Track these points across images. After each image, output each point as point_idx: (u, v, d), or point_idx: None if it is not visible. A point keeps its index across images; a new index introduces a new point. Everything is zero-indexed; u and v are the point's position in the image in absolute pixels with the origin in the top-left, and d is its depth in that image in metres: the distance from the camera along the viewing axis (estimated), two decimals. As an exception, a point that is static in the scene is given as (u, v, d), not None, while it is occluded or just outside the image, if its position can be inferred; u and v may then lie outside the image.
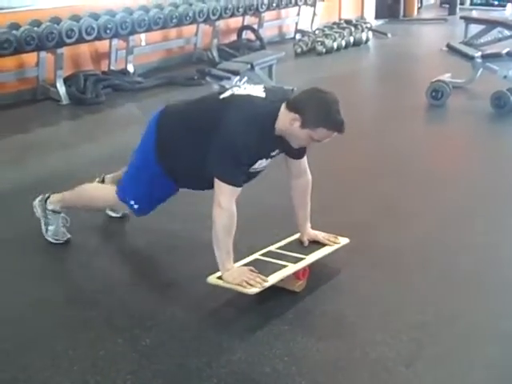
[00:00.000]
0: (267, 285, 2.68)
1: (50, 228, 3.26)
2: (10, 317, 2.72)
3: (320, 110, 2.61)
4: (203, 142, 2.71)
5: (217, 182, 2.67)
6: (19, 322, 2.67)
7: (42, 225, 3.28)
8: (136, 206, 3.06)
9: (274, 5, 8.66)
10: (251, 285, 2.64)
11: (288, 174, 2.99)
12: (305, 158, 2.98)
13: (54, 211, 3.25)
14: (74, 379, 2.32)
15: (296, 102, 2.67)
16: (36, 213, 3.30)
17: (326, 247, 3.02)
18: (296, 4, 9.24)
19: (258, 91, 2.81)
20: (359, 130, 5.12)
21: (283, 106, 2.68)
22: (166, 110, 3.01)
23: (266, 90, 2.84)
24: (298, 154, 2.93)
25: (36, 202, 3.30)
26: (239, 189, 2.69)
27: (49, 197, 3.28)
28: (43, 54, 6.03)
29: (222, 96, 2.83)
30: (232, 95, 2.81)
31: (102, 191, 3.31)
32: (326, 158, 4.25)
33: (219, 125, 2.67)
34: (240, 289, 2.65)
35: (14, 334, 2.60)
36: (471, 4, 13.27)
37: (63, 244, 3.27)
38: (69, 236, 3.28)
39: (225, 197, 2.65)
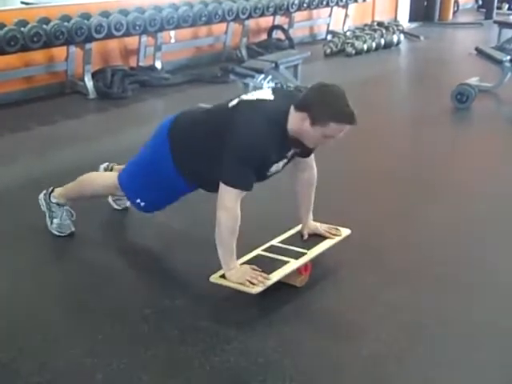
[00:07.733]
0: (270, 283, 2.70)
1: (55, 221, 3.30)
2: (12, 304, 2.79)
3: (327, 104, 2.57)
4: (214, 153, 2.70)
5: (223, 184, 2.66)
6: (21, 310, 2.75)
7: (47, 218, 3.32)
8: (143, 204, 3.08)
9: (305, 5, 8.67)
10: (254, 284, 2.66)
11: (293, 167, 2.98)
12: (312, 154, 3.00)
13: (58, 204, 3.30)
14: (69, 360, 2.39)
15: (303, 101, 2.65)
16: (42, 206, 3.35)
17: (328, 240, 3.03)
18: (328, 5, 9.24)
19: (265, 94, 2.81)
20: (381, 133, 5.10)
21: (292, 108, 2.65)
22: (179, 118, 2.99)
23: (274, 91, 2.84)
24: (308, 153, 2.95)
25: (41, 196, 3.35)
26: (245, 192, 2.67)
27: (53, 190, 3.33)
28: (72, 48, 6.15)
29: (230, 104, 2.80)
30: (240, 102, 2.78)
31: (102, 176, 3.41)
32: (348, 159, 4.29)
33: (227, 133, 2.66)
34: (243, 288, 2.66)
35: (16, 319, 2.68)
36: (509, 9, 13.09)
37: (66, 236, 3.31)
38: (73, 229, 3.32)
39: (230, 199, 2.64)
